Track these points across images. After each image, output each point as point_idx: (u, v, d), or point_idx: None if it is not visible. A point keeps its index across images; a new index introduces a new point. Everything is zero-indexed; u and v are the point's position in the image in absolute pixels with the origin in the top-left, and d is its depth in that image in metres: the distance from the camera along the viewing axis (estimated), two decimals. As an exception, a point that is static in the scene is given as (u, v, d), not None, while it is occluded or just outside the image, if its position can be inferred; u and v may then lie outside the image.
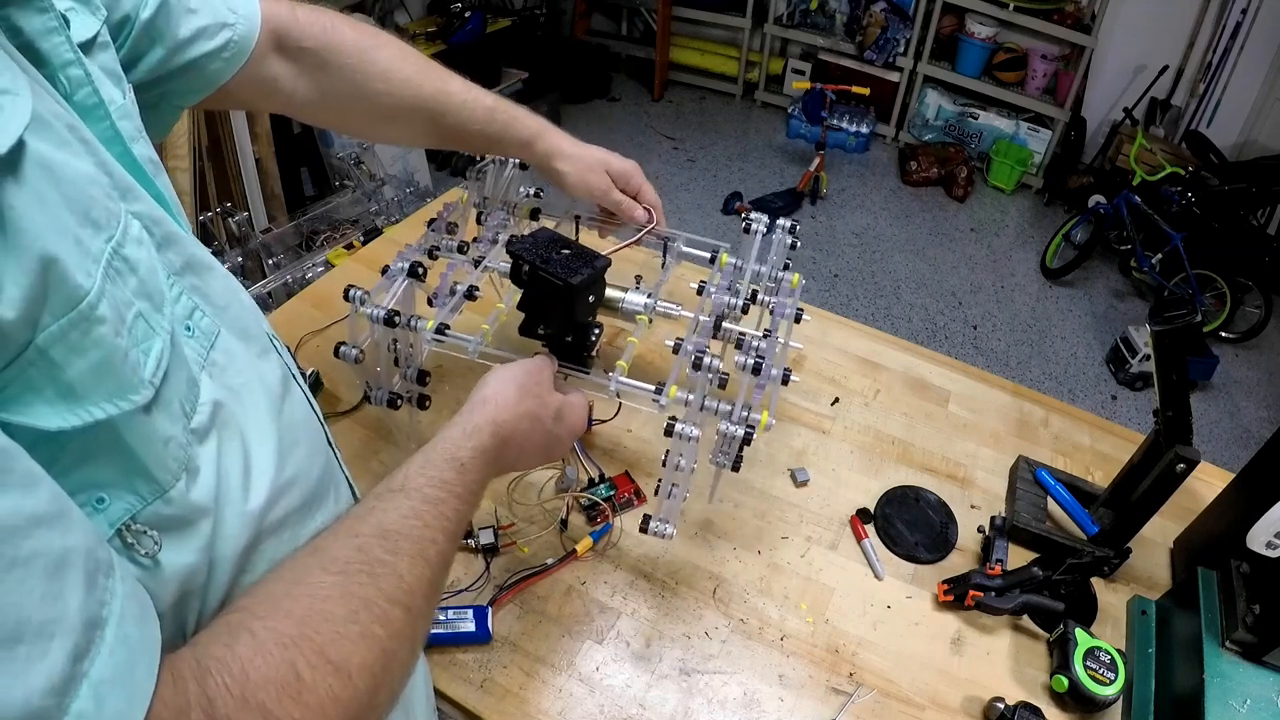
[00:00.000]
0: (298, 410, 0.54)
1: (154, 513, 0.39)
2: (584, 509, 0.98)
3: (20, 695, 0.28)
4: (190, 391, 0.42)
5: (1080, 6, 3.78)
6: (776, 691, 0.84)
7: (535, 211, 1.11)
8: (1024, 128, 4.05)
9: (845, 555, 0.98)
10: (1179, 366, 0.88)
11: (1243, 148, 3.72)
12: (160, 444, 0.39)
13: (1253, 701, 0.77)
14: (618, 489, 1.00)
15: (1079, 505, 1.02)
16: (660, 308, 0.95)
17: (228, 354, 0.47)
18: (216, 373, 0.45)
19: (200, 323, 0.45)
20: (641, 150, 4.09)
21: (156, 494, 0.39)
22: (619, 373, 0.82)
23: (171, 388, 0.40)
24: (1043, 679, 0.87)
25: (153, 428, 0.39)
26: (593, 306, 0.86)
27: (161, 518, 0.40)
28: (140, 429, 0.38)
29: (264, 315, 0.56)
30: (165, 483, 0.39)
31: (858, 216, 3.83)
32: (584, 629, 0.88)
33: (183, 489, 0.41)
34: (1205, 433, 2.89)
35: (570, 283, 0.78)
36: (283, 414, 0.51)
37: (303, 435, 0.54)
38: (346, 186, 2.85)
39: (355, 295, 0.85)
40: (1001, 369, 3.00)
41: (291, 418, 0.52)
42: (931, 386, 1.25)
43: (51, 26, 0.41)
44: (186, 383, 0.42)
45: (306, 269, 2.43)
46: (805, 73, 4.42)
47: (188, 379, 0.42)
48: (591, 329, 0.89)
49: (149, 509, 0.39)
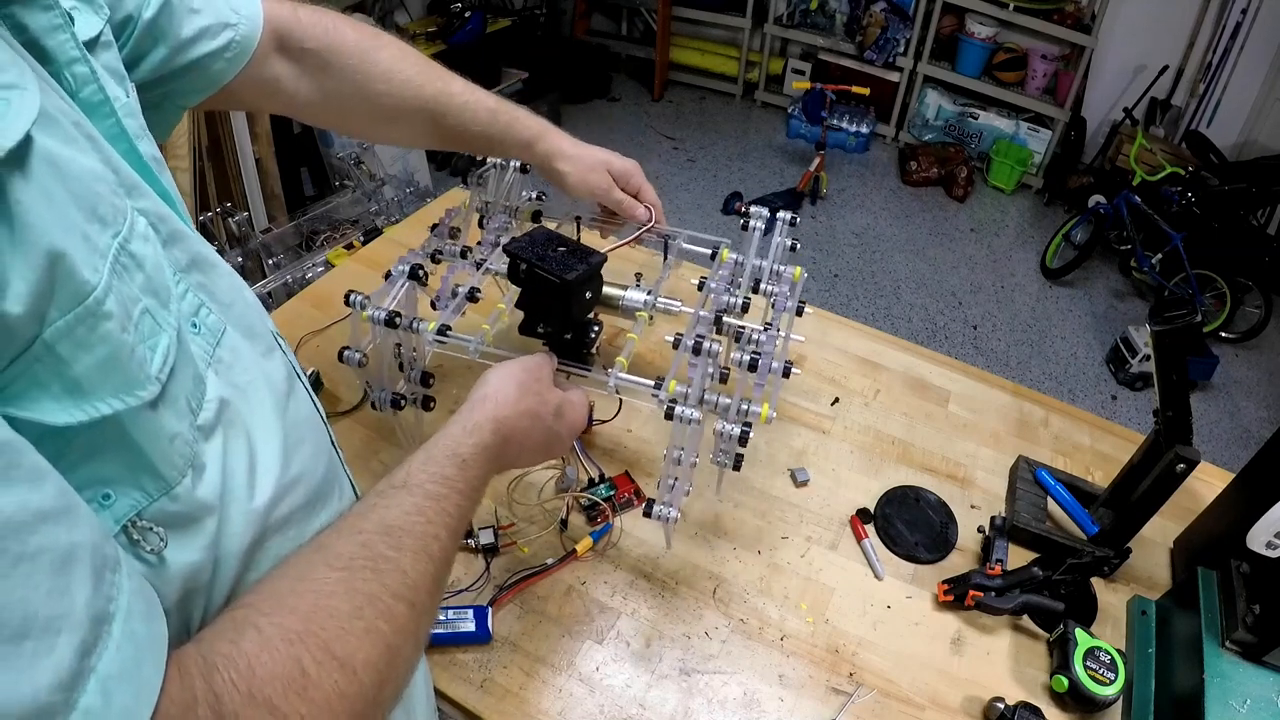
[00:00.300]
0: (302, 408, 0.54)
1: (160, 509, 0.39)
2: (584, 509, 0.98)
3: (28, 691, 0.28)
4: (196, 388, 0.42)
5: (1080, 6, 3.78)
6: (776, 691, 0.84)
7: (537, 214, 1.11)
8: (1024, 128, 4.05)
9: (845, 555, 0.99)
10: (1179, 366, 0.88)
11: (1243, 148, 3.72)
12: (166, 440, 0.39)
13: (1253, 701, 0.77)
14: (618, 489, 1.00)
15: (1079, 505, 1.02)
16: (660, 304, 0.95)
17: (234, 351, 0.47)
18: (223, 370, 0.45)
19: (206, 320, 0.45)
20: (641, 150, 4.09)
21: (162, 490, 0.39)
22: (618, 369, 0.82)
23: (178, 384, 0.40)
24: (1043, 679, 0.87)
25: (159, 424, 0.39)
26: (590, 303, 0.87)
27: (167, 514, 0.40)
28: (146, 425, 0.38)
29: (268, 314, 0.56)
30: (171, 479, 0.39)
31: (858, 216, 3.83)
32: (584, 629, 0.88)
33: (189, 486, 0.41)
34: (1205, 433, 2.89)
35: (565, 279, 0.79)
36: (288, 412, 0.51)
37: (307, 433, 0.54)
38: (346, 186, 2.85)
39: (356, 300, 0.86)
40: (1001, 369, 3.00)
41: (296, 416, 0.53)
42: (931, 386, 1.25)
43: (56, 24, 0.41)
44: (193, 379, 0.42)
45: (306, 269, 2.43)
46: (805, 73, 4.42)
47: (194, 375, 0.42)
48: (591, 326, 0.90)
49: (155, 505, 0.39)
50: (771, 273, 0.99)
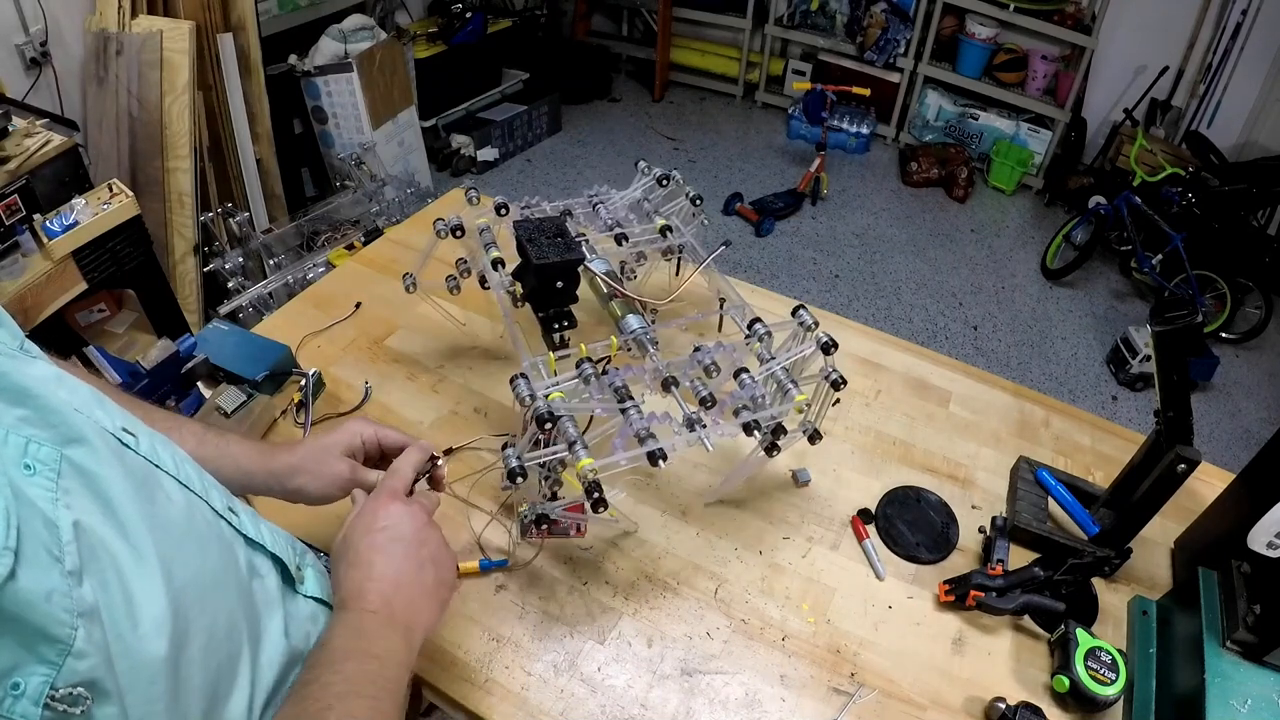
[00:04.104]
0: (174, 502, 0.53)
1: (71, 670, 0.39)
2: (525, 522, 0.90)
3: None
4: (52, 535, 0.40)
5: (1080, 7, 3.78)
6: (778, 692, 0.84)
7: None
8: (1024, 128, 4.04)
9: (846, 555, 0.99)
10: (1179, 367, 0.88)
11: (1243, 148, 3.71)
12: (44, 601, 0.38)
13: (1253, 701, 0.77)
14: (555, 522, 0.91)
15: (1080, 505, 1.02)
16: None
17: (79, 474, 0.45)
18: (73, 500, 0.43)
19: (39, 454, 0.42)
20: (642, 151, 4.09)
21: (63, 653, 0.38)
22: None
23: (31, 541, 0.38)
24: (1044, 679, 0.87)
25: (29, 589, 0.37)
26: (563, 292, 0.99)
27: (80, 674, 0.39)
28: (16, 597, 0.37)
29: (114, 405, 0.53)
30: (65, 637, 0.39)
31: (858, 217, 3.83)
32: (586, 629, 0.88)
33: (85, 635, 0.40)
34: (1206, 433, 2.89)
35: (536, 261, 0.94)
36: (155, 510, 0.50)
37: (187, 527, 0.53)
38: (347, 187, 2.85)
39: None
40: (1002, 369, 3.00)
41: (167, 513, 0.51)
42: (932, 387, 1.25)
43: None
44: (44, 526, 0.40)
45: (307, 269, 2.43)
46: (806, 73, 4.42)
47: (44, 522, 0.40)
48: (564, 316, 1.02)
49: (65, 669, 0.38)
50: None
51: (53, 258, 1.87)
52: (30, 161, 1.89)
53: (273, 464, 0.76)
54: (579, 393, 0.84)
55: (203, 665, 0.49)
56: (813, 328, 0.95)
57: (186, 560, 0.50)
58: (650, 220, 1.19)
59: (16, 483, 0.39)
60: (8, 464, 0.40)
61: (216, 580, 0.54)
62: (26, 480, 0.40)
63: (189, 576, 0.50)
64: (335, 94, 3.04)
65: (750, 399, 0.87)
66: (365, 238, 2.57)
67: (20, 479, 0.40)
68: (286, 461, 0.76)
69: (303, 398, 1.09)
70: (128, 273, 2.11)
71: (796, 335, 0.97)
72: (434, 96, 3.64)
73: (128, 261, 2.08)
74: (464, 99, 3.82)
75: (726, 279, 1.09)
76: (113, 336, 2.22)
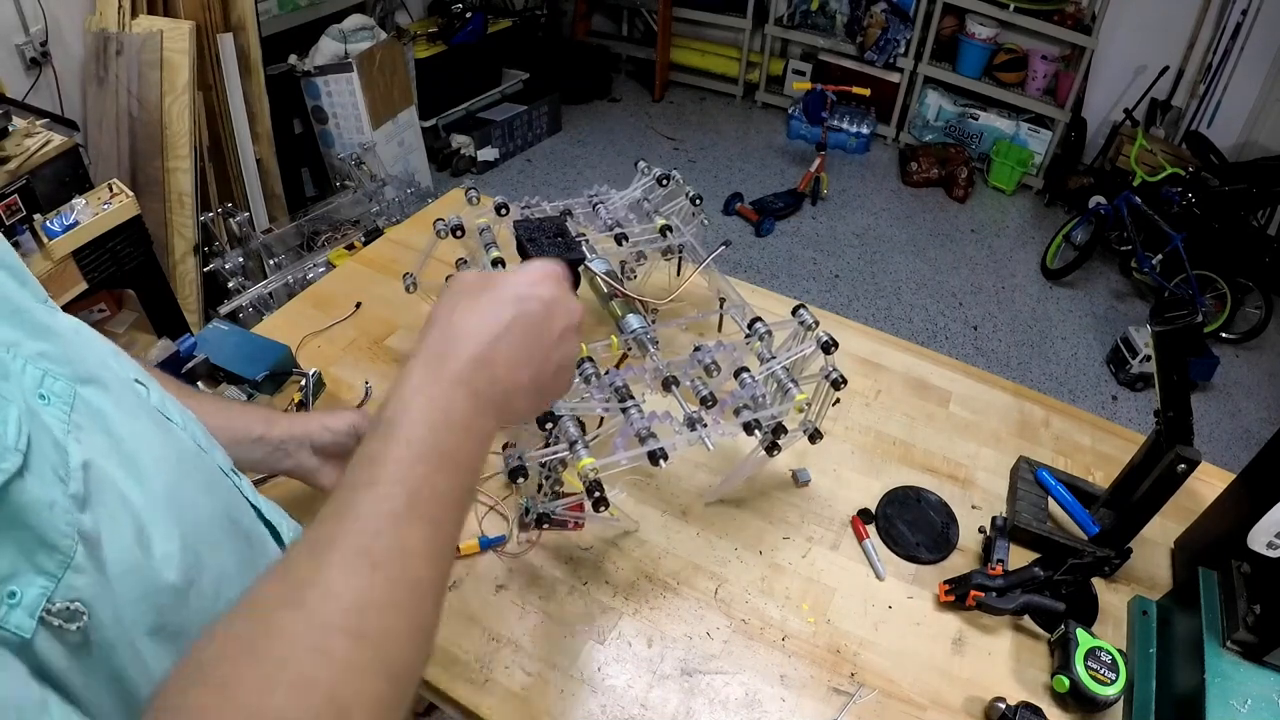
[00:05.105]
0: (184, 449, 0.53)
1: (69, 585, 0.39)
2: (526, 521, 0.92)
3: None
4: (60, 457, 0.41)
5: (1080, 7, 3.78)
6: (778, 692, 0.84)
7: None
8: (1024, 128, 4.04)
9: (846, 555, 0.99)
10: (1180, 367, 0.88)
11: (1243, 148, 3.71)
12: (46, 509, 0.39)
13: (1253, 701, 0.77)
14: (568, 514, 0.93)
15: (1080, 505, 1.02)
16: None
17: (92, 413, 0.46)
18: (84, 436, 0.44)
19: (54, 388, 0.44)
20: (642, 151, 4.09)
21: (63, 564, 0.39)
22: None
23: (39, 455, 0.39)
24: (1044, 679, 0.87)
25: (33, 494, 0.38)
26: None
27: (78, 590, 0.39)
28: (21, 496, 0.37)
29: (129, 359, 0.55)
30: (66, 548, 0.39)
31: (858, 217, 3.83)
32: (586, 629, 0.88)
33: (85, 555, 0.40)
34: (1206, 433, 2.89)
35: (533, 258, 0.88)
36: (165, 456, 0.50)
37: (195, 475, 0.53)
38: (348, 187, 2.85)
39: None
40: (1002, 369, 3.00)
41: (177, 457, 0.52)
42: (932, 387, 1.25)
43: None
44: (54, 448, 0.41)
45: (307, 269, 2.43)
46: (806, 73, 4.42)
47: (54, 444, 0.41)
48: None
49: (63, 583, 0.39)
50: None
51: (53, 258, 1.87)
52: (30, 161, 1.89)
53: (281, 420, 0.82)
54: (579, 392, 0.84)
55: (214, 601, 0.49)
56: (813, 327, 0.95)
57: (197, 503, 0.51)
58: (650, 220, 1.19)
59: (32, 405, 0.41)
60: (25, 390, 0.41)
61: (225, 528, 0.54)
62: (41, 408, 0.42)
63: (200, 518, 0.50)
64: (335, 94, 3.04)
65: (750, 398, 0.87)
66: (365, 238, 2.57)
67: (36, 406, 0.41)
68: (296, 418, 0.83)
69: (303, 398, 1.10)
70: (128, 273, 2.11)
71: (797, 335, 0.97)
72: (434, 96, 3.64)
73: (128, 261, 2.08)
74: (464, 99, 3.82)
75: (726, 279, 1.09)
76: (113, 336, 2.20)
